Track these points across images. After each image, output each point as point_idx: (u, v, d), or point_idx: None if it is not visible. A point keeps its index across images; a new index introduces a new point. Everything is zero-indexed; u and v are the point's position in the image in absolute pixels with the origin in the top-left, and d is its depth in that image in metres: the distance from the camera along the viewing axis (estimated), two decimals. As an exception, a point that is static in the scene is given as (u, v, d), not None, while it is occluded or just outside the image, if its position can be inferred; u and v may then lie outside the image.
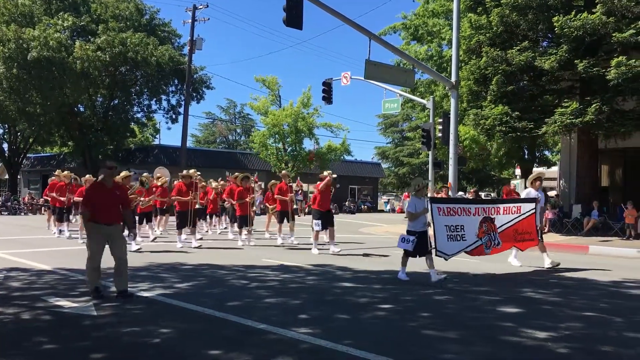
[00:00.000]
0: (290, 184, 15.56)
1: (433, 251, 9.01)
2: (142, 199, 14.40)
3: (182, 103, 36.79)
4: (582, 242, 15.41)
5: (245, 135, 70.37)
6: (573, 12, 15.73)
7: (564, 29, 15.65)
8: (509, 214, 10.26)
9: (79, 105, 37.02)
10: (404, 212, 39.77)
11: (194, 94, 38.76)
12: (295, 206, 17.23)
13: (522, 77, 17.68)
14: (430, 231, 9.12)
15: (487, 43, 18.20)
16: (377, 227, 23.56)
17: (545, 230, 18.76)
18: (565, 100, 16.76)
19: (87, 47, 32.03)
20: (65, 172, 16.30)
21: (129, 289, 7.27)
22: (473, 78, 19.09)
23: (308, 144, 38.64)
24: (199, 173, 15.87)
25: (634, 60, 14.68)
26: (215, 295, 7.51)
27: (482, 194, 19.54)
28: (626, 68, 14.68)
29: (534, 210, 10.56)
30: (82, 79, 32.46)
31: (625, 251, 13.98)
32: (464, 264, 10.74)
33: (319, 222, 12.54)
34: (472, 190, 18.13)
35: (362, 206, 44.75)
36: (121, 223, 7.36)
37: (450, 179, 20.15)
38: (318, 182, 13.08)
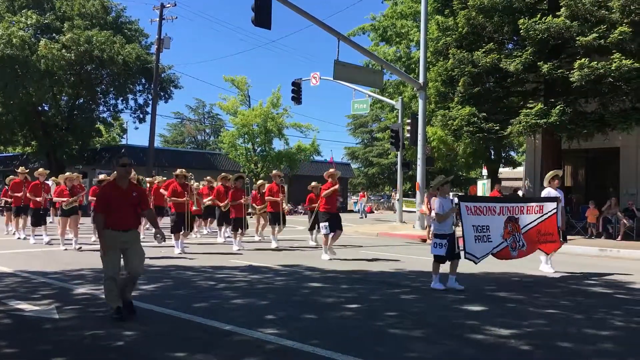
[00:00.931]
0: (282, 185, 15.02)
1: (462, 254, 8.39)
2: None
3: (150, 102, 36.33)
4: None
5: (215, 136, 69.90)
6: (538, 15, 16.04)
7: (529, 32, 15.93)
8: (531, 213, 9.70)
9: (43, 105, 36.19)
10: (372, 212, 40.04)
11: (162, 94, 38.30)
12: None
13: (489, 78, 17.94)
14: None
15: (454, 45, 18.43)
16: (346, 227, 23.60)
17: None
18: (530, 101, 17.07)
19: (52, 45, 31.36)
20: (40, 170, 15.12)
21: (92, 290, 7.12)
22: (440, 79, 19.31)
23: (278, 144, 38.65)
24: (191, 174, 15.13)
25: (596, 63, 15.03)
26: (181, 296, 7.43)
27: (451, 194, 19.74)
28: (588, 70, 15.02)
29: (555, 211, 10.03)
30: (47, 77, 31.75)
31: (588, 249, 14.31)
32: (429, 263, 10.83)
33: (327, 224, 11.78)
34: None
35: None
36: (137, 229, 6.55)
37: (419, 179, 20.38)
38: (328, 181, 12.30)
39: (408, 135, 22.21)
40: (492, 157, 25.96)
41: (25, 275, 8.93)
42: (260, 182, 15.91)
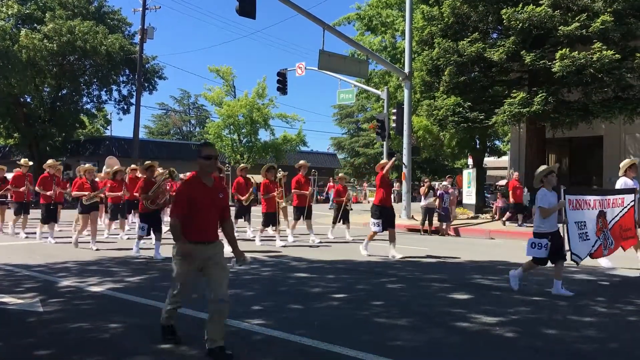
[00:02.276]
0: (310, 177, 14.02)
1: (567, 254, 7.47)
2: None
3: (134, 93, 36.01)
4: (530, 230, 15.82)
5: (200, 127, 69.50)
6: (520, 5, 16.08)
7: (511, 21, 15.99)
8: (616, 206, 8.73)
9: (25, 96, 35.72)
10: (359, 202, 40.09)
11: (146, 84, 38.01)
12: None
13: (473, 68, 17.99)
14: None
15: (439, 34, 18.44)
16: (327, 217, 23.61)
17: (496, 218, 19.27)
18: (514, 91, 17.15)
19: (34, 35, 30.94)
20: (51, 161, 13.50)
21: (77, 283, 7.05)
22: (426, 69, 19.32)
23: (263, 135, 38.49)
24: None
25: (577, 53, 15.11)
26: (166, 288, 7.29)
27: (436, 184, 19.83)
28: (570, 61, 15.11)
29: (633, 203, 9.06)
30: (28, 68, 31.34)
31: (571, 237, 14.44)
32: (415, 252, 10.91)
33: (380, 221, 10.46)
34: (426, 180, 18.39)
35: (318, 196, 44.84)
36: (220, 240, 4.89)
37: (405, 169, 20.42)
38: (380, 171, 10.93)
39: (394, 125, 22.22)
40: (478, 146, 26.02)
41: (8, 269, 8.84)
42: (281, 173, 14.82)
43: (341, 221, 14.19)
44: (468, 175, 22.61)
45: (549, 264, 7.30)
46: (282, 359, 4.61)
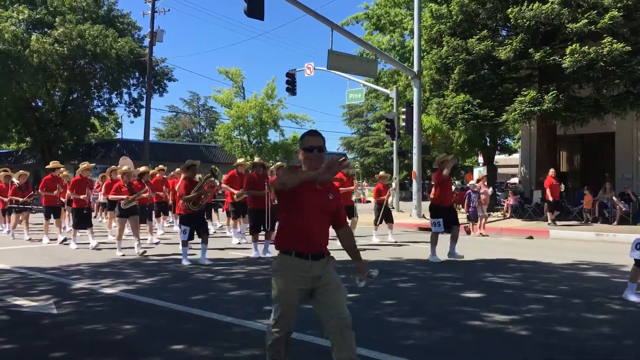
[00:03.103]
0: (352, 175, 13.27)
1: None
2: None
3: (144, 96, 36.22)
4: (542, 227, 15.77)
5: (210, 128, 69.71)
6: (525, 3, 16.01)
7: (518, 20, 15.92)
8: None
9: (37, 100, 36.07)
10: (369, 202, 39.97)
11: (156, 87, 38.21)
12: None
13: (483, 66, 17.92)
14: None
15: (448, 32, 18.39)
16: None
17: (507, 216, 19.18)
18: (524, 88, 17.06)
19: (44, 40, 31.24)
20: (86, 164, 12.89)
21: (90, 285, 7.11)
22: (435, 67, 19.27)
23: (273, 136, 38.53)
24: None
25: (587, 48, 15.00)
26: (179, 289, 7.43)
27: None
28: (580, 56, 15.01)
29: None
30: (40, 72, 31.68)
31: (584, 235, 14.37)
32: (426, 251, 10.86)
33: (440, 220, 9.83)
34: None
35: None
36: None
37: (415, 168, 20.38)
38: (437, 169, 10.24)
39: (403, 124, 22.19)
40: (488, 144, 25.93)
41: (22, 272, 8.92)
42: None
43: (383, 221, 13.46)
44: (479, 173, 22.52)
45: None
46: (295, 359, 4.61)
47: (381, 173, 13.63)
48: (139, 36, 38.73)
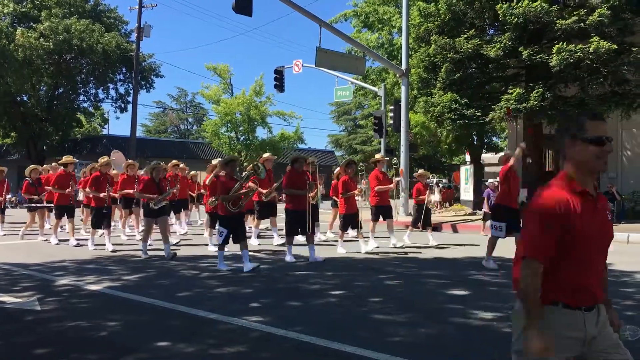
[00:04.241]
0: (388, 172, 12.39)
1: None
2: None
3: (131, 92, 35.96)
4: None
5: (197, 125, 69.40)
6: (515, 0, 16.10)
7: (506, 17, 15.99)
8: None
9: (22, 95, 35.69)
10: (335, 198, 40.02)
11: (143, 83, 37.96)
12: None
13: (470, 64, 17.99)
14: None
15: (436, 31, 18.43)
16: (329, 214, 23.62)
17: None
18: (511, 87, 17.16)
19: (30, 34, 30.92)
20: (105, 158, 11.88)
21: (74, 282, 7.05)
22: (423, 66, 19.31)
23: (261, 133, 38.48)
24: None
25: (574, 46, 15.12)
26: (164, 286, 7.40)
27: (434, 179, 19.74)
28: (567, 54, 15.12)
29: None
30: (25, 67, 31.33)
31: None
32: (412, 249, 10.91)
33: (503, 225, 8.70)
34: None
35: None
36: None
37: (402, 166, 20.42)
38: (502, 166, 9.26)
39: (391, 121, 22.23)
40: (475, 142, 26.06)
41: (6, 268, 8.83)
42: (338, 170, 13.12)
43: (421, 225, 12.42)
44: (465, 172, 22.63)
45: None
46: (280, 356, 4.61)
47: (420, 171, 12.60)
48: (126, 31, 38.47)
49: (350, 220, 10.69)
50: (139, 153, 34.71)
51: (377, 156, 12.39)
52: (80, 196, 13.30)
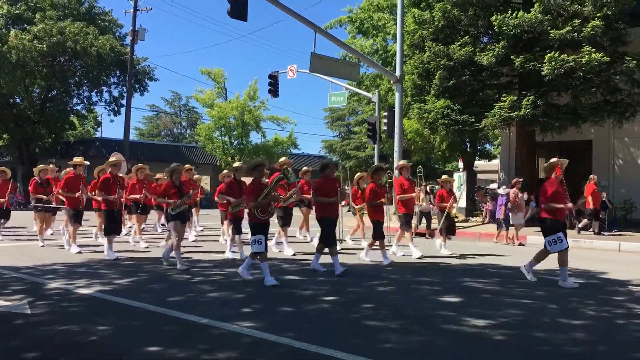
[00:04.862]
0: (414, 179, 12.07)
1: None
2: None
3: (125, 95, 35.85)
4: (520, 233, 15.89)
5: (191, 129, 69.26)
6: (510, 10, 16.19)
7: (502, 27, 16.08)
8: None
9: (15, 97, 35.50)
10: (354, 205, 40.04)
11: (137, 86, 37.85)
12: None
13: (464, 71, 18.06)
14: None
15: (430, 38, 18.50)
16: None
17: (486, 221, 19.33)
18: (504, 95, 17.23)
19: (23, 36, 30.77)
20: (115, 157, 11.33)
21: (65, 285, 7.00)
22: (417, 72, 19.37)
23: (255, 137, 38.42)
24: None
25: (566, 56, 15.21)
26: (156, 290, 7.36)
27: (427, 187, 19.72)
28: (559, 64, 15.21)
29: None
30: (18, 69, 31.16)
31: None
32: (407, 256, 10.91)
33: (562, 235, 8.17)
34: (423, 184, 17.85)
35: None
36: None
37: (395, 172, 20.46)
38: (553, 173, 8.73)
39: (385, 128, 22.27)
40: (468, 149, 26.16)
41: (-4, 271, 8.76)
42: (359, 174, 12.64)
43: (438, 231, 12.12)
44: (459, 179, 22.68)
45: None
46: (272, 362, 4.59)
47: (444, 177, 12.09)
48: (120, 34, 38.33)
49: (379, 227, 10.05)
50: (132, 156, 34.58)
51: (401, 162, 11.89)
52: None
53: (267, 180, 9.31)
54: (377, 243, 10.09)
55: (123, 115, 35.25)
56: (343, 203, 9.66)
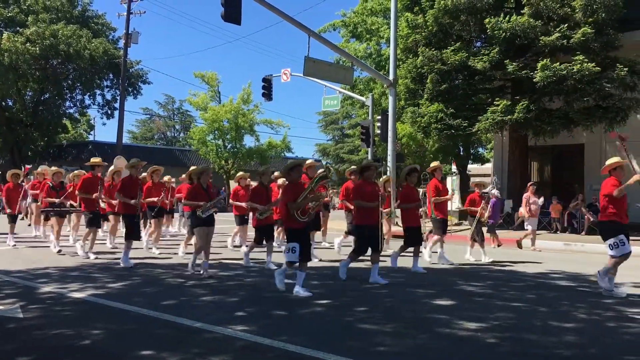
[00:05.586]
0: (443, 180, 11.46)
1: None
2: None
3: (118, 98, 35.80)
4: (513, 236, 15.97)
5: (184, 132, 69.18)
6: (501, 15, 16.30)
7: (494, 31, 16.18)
8: None
9: (7, 100, 35.37)
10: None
11: (130, 89, 37.81)
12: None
13: (457, 76, 18.17)
14: None
15: (423, 42, 18.60)
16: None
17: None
18: (497, 99, 17.33)
19: (16, 39, 30.69)
20: (134, 160, 10.34)
21: (58, 289, 6.98)
22: (410, 76, 19.46)
23: (249, 141, 38.43)
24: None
25: (558, 64, 15.32)
26: (149, 294, 7.35)
27: (421, 191, 19.73)
28: (551, 71, 15.30)
29: None
30: (10, 72, 31.07)
31: (553, 244, 14.60)
32: (401, 260, 10.92)
33: (624, 239, 7.46)
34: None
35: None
36: None
37: (392, 176, 20.50)
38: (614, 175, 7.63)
39: (378, 131, 22.32)
40: (461, 153, 26.26)
41: (-12, 274, 8.72)
42: (385, 177, 12.02)
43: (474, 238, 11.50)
44: (452, 182, 22.74)
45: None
46: (266, 365, 4.59)
47: (477, 180, 11.56)
48: (113, 37, 38.33)
49: (414, 234, 9.56)
50: (125, 160, 34.51)
51: (435, 163, 11.21)
52: (29, 200, 12.99)
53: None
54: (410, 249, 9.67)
55: (116, 119, 35.24)
56: (385, 209, 9.31)
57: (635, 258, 12.50)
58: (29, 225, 14.92)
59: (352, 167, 12.63)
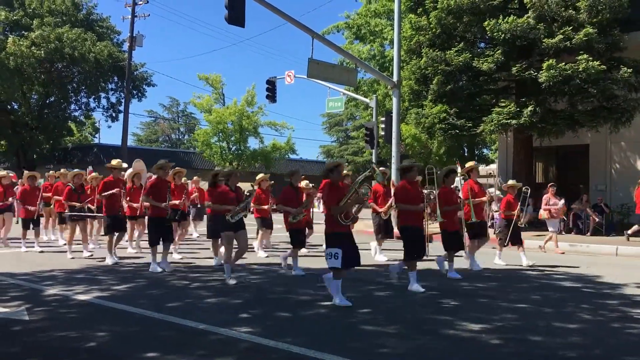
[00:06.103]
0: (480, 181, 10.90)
1: None
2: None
3: (123, 101, 35.92)
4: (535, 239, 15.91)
5: (189, 134, 69.34)
6: (500, 16, 16.28)
7: (494, 33, 16.16)
8: None
9: (13, 103, 35.54)
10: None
11: (135, 92, 37.94)
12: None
13: (461, 77, 18.12)
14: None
15: (427, 44, 18.57)
16: (320, 225, 23.61)
17: (489, 225, 19.36)
18: (502, 100, 17.29)
19: (21, 42, 30.85)
20: (163, 161, 9.91)
21: (63, 291, 7.00)
22: (414, 78, 19.43)
23: (253, 143, 38.49)
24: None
25: (563, 64, 15.29)
26: (154, 296, 7.37)
27: (425, 191, 19.68)
28: (556, 71, 15.27)
29: None
30: (16, 75, 31.22)
31: (558, 245, 14.54)
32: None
33: None
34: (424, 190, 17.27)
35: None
36: None
37: (393, 177, 20.49)
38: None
39: (382, 133, 22.31)
40: (466, 154, 26.26)
41: (-6, 277, 8.77)
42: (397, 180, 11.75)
43: (509, 243, 10.83)
44: (459, 183, 22.69)
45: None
46: (269, 367, 4.61)
47: (510, 182, 11.06)
48: (118, 40, 38.47)
49: (454, 238, 9.11)
50: (130, 162, 34.59)
51: (470, 163, 10.69)
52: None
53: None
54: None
55: (121, 121, 35.36)
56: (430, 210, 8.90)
57: (637, 258, 12.50)
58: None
59: (381, 167, 12.24)
